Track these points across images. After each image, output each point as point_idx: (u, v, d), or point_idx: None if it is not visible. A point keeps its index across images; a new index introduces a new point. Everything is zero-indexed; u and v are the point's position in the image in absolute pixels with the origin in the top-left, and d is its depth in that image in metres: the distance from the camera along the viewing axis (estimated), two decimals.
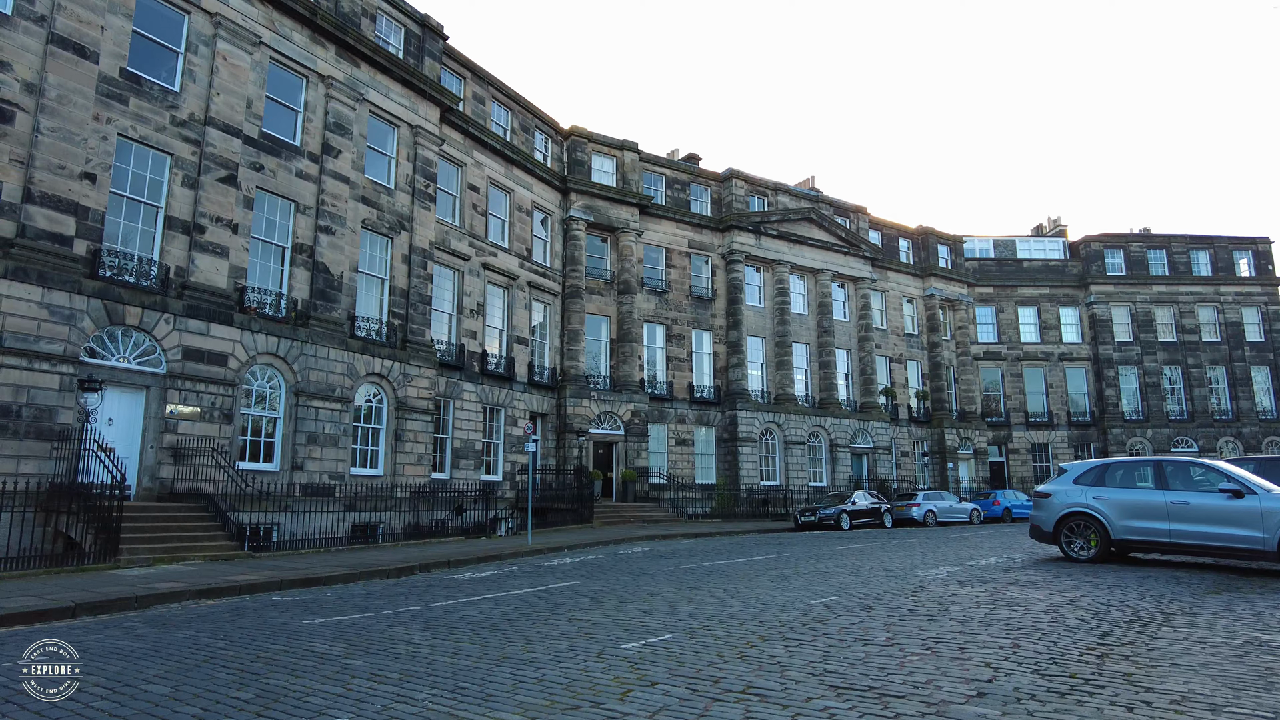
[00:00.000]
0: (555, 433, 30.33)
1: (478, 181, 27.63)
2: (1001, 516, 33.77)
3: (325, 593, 10.64)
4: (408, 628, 7.09)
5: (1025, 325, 47.52)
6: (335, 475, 20.47)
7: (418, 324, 23.65)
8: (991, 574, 10.74)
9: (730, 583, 10.08)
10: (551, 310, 30.98)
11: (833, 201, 41.76)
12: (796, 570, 11.56)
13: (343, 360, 21.06)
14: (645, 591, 9.26)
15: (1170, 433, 44.92)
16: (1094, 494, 11.92)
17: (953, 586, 9.33)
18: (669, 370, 34.30)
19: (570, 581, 10.66)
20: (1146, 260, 48.18)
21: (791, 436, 36.06)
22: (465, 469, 25.65)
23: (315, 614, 8.18)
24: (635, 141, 34.35)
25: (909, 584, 9.67)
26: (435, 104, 25.26)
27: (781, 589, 9.33)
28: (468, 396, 26.11)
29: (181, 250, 17.84)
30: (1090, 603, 7.85)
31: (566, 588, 9.95)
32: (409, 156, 24.32)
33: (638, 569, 12.39)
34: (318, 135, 21.49)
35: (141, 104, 17.32)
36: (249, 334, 18.88)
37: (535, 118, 31.52)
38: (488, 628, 6.97)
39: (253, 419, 19.21)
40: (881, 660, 5.42)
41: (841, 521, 26.53)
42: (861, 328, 40.73)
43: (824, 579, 10.41)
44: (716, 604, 8.02)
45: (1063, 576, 10.14)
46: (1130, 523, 11.39)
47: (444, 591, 10.16)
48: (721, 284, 36.55)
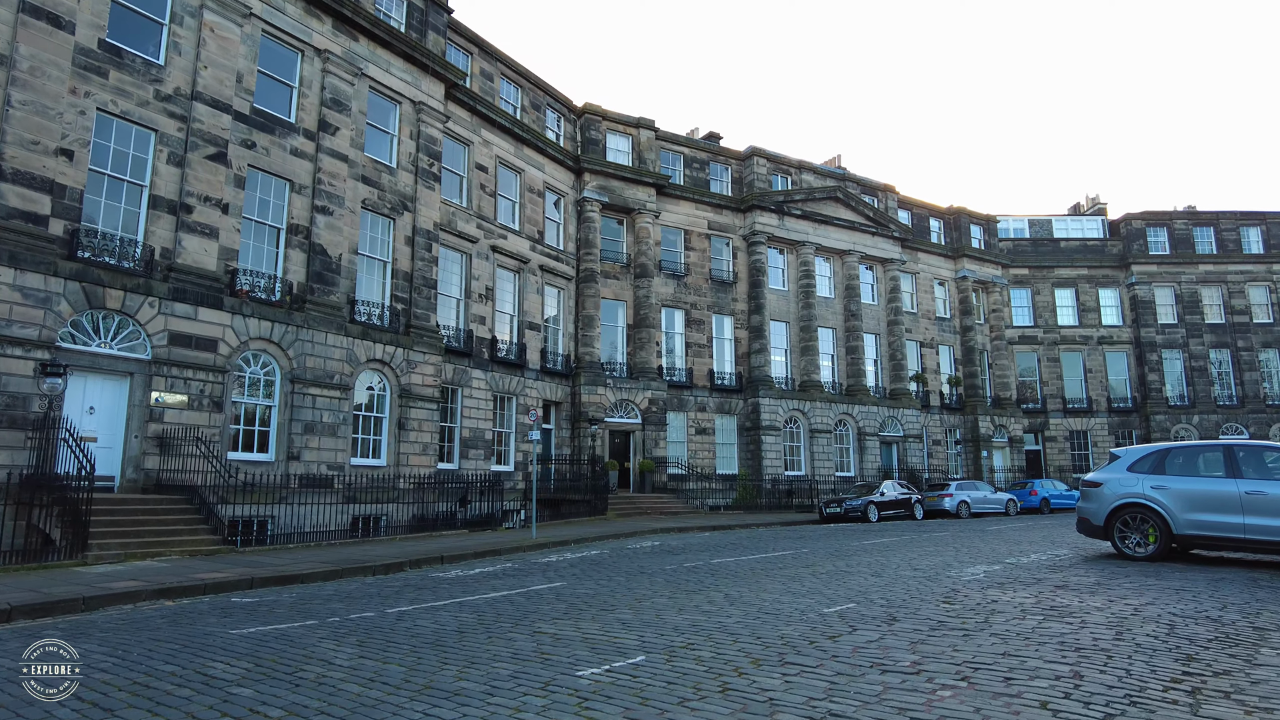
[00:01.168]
0: (570, 422, 29.30)
1: (486, 161, 26.59)
2: (1039, 507, 32.12)
3: (290, 594, 9.68)
4: (340, 642, 6.06)
5: (1062, 308, 45.49)
6: (334, 466, 19.62)
7: (422, 308, 22.70)
8: (1035, 574, 9.46)
9: (735, 585, 8.92)
10: (565, 295, 29.91)
11: (860, 180, 40.12)
12: (813, 570, 10.36)
13: (341, 346, 20.17)
14: (635, 595, 8.15)
15: (1218, 419, 42.74)
16: (1152, 483, 10.54)
17: (991, 590, 8.08)
18: (688, 357, 33.08)
19: (557, 583, 9.57)
20: (1192, 238, 45.82)
21: (817, 425, 34.69)
22: (475, 459, 24.71)
23: (253, 621, 7.19)
24: (652, 119, 33.08)
25: (940, 587, 8.44)
26: (440, 80, 24.22)
27: (792, 593, 8.15)
28: (477, 384, 25.15)
29: (167, 231, 17.01)
30: (1161, 613, 6.58)
31: (549, 590, 8.87)
32: (412, 134, 23.34)
33: (637, 567, 11.29)
34: (314, 111, 20.56)
35: (123, 77, 16.48)
36: (240, 318, 18.04)
37: (547, 95, 30.38)
38: (432, 644, 5.91)
39: (245, 407, 18.39)
40: (903, 698, 4.25)
41: (869, 513, 25.18)
42: (890, 311, 39.13)
43: (843, 580, 9.21)
44: (712, 613, 6.88)
45: (1119, 578, 8.83)
46: (1196, 516, 10.01)
47: (415, 594, 9.14)
48: (743, 267, 35.19)
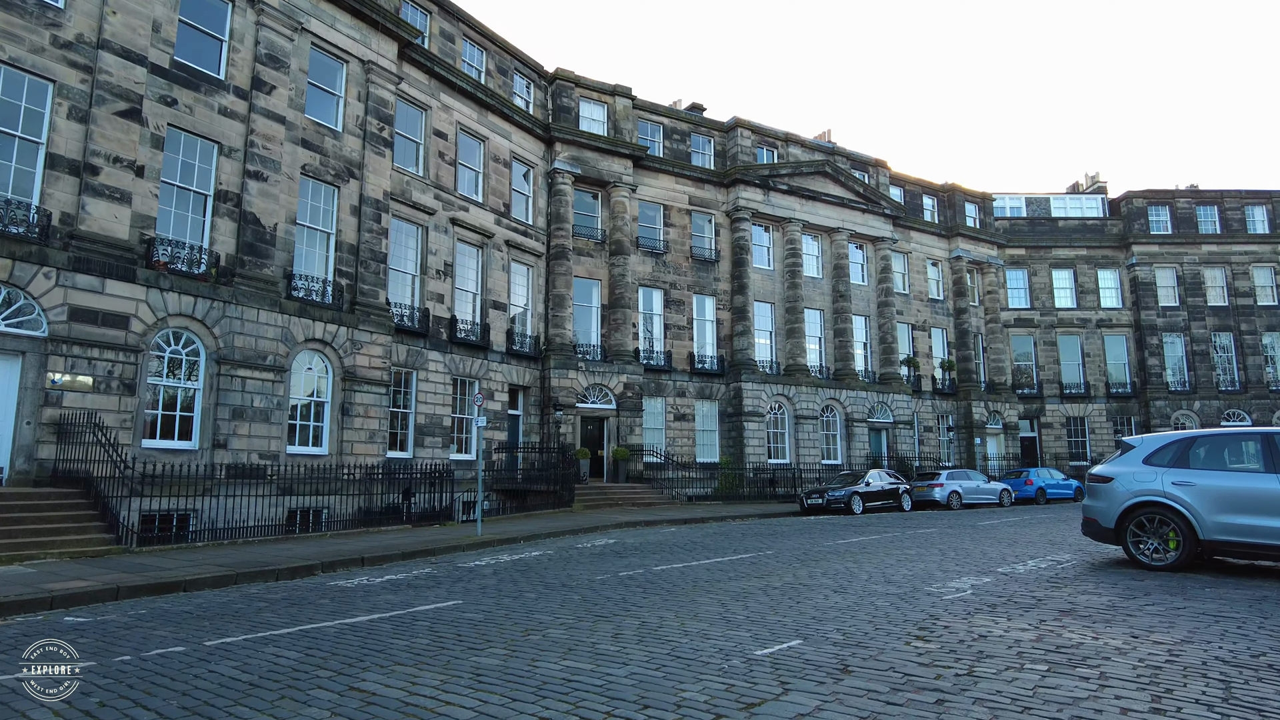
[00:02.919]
0: (539, 407, 27.62)
1: (445, 127, 24.74)
2: (1035, 498, 30.59)
3: (146, 608, 8.03)
4: (87, 695, 4.41)
5: (1060, 289, 43.83)
6: (267, 455, 17.95)
7: (370, 284, 20.95)
8: (1034, 590, 7.83)
9: (663, 606, 7.29)
10: (534, 273, 28.14)
11: (850, 154, 38.29)
12: (768, 582, 8.71)
13: (276, 324, 18.45)
14: (530, 624, 6.51)
15: (1220, 405, 41.23)
16: (1174, 478, 8.89)
17: (979, 618, 6.45)
18: (667, 339, 31.36)
19: (450, 601, 7.91)
20: (1195, 218, 44.12)
21: (803, 410, 33.06)
22: (431, 447, 23.03)
23: (43, 661, 5.52)
24: (629, 86, 31.18)
25: (915, 611, 6.81)
26: (392, 38, 22.36)
27: (728, 619, 6.52)
28: (434, 367, 23.42)
29: (68, 194, 15.23)
30: (1205, 659, 4.96)
31: (433, 613, 7.23)
32: (360, 96, 21.50)
33: (565, 576, 9.65)
34: (247, 68, 18.72)
35: (12, 20, 14.66)
36: (158, 292, 16.31)
37: (515, 59, 28.48)
38: (194, 708, 4.25)
39: (166, 391, 16.69)
40: None
41: (853, 505, 23.58)
42: (881, 292, 37.42)
43: (798, 599, 7.57)
44: (606, 658, 5.23)
45: (1138, 597, 7.21)
46: (1228, 518, 8.37)
47: (281, 612, 7.53)
48: (726, 244, 33.42)
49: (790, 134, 36.08)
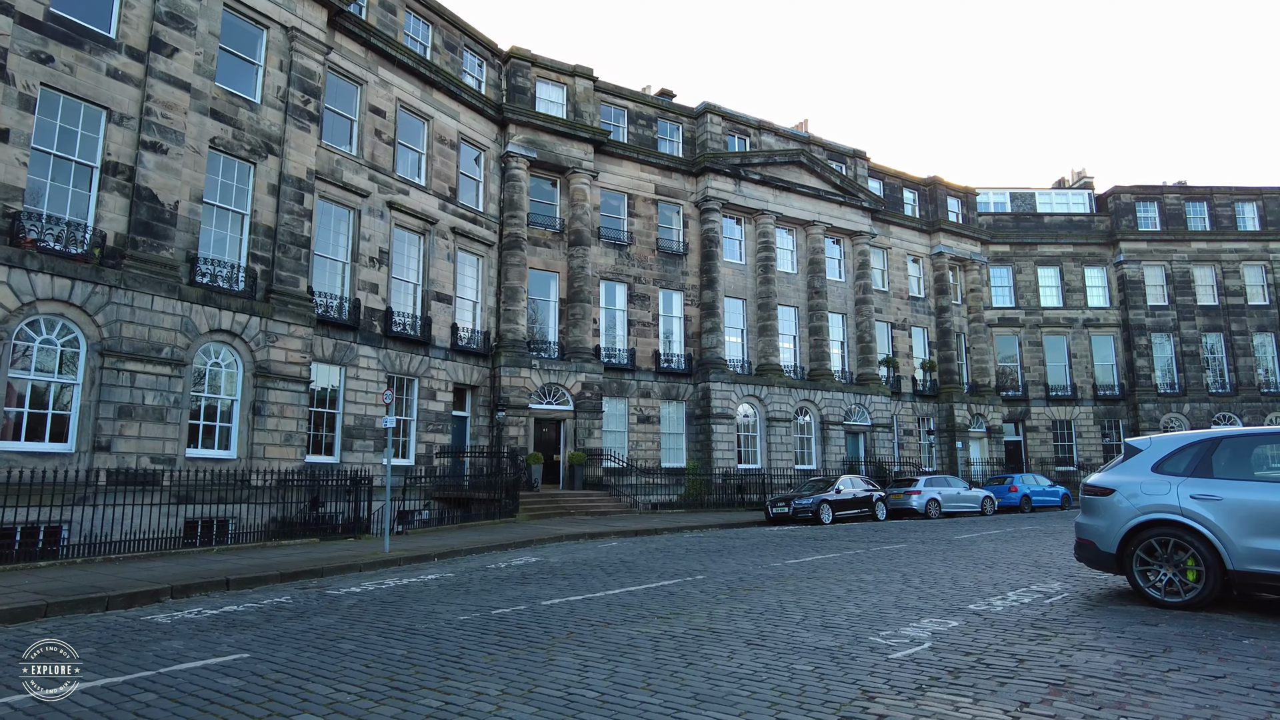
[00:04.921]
0: (488, 408, 25.65)
1: (383, 104, 22.77)
2: (1019, 505, 28.85)
3: None
4: None
5: (1046, 288, 42.26)
6: (161, 458, 15.94)
7: (289, 270, 18.95)
8: (1014, 642, 5.98)
9: (503, 667, 5.40)
10: (485, 263, 26.18)
11: (827, 145, 36.55)
12: (670, 626, 6.82)
13: (174, 312, 16.45)
14: (286, 702, 4.57)
15: (1210, 408, 39.77)
16: (1193, 490, 7.07)
17: (933, 697, 4.57)
18: (631, 336, 29.45)
19: (238, 655, 5.96)
20: (1184, 214, 42.69)
21: (775, 413, 31.23)
22: (362, 451, 21.03)
23: None
24: (590, 67, 29.31)
25: (844, 682, 4.94)
26: (321, 4, 20.42)
27: (570, 700, 4.60)
28: (366, 363, 21.43)
29: None
30: None
31: (201, 670, 5.30)
32: (282, 66, 19.51)
33: (423, 615, 7.73)
34: (143, 27, 16.71)
35: None
36: (24, 273, 14.29)
37: (466, 35, 26.55)
38: None
39: (32, 386, 14.66)
40: None
41: (821, 514, 21.73)
42: (859, 289, 35.65)
43: (696, 659, 5.68)
44: None
45: (1156, 656, 5.39)
46: (1268, 544, 6.59)
47: None
48: (695, 237, 31.57)
49: (764, 122, 34.29)
